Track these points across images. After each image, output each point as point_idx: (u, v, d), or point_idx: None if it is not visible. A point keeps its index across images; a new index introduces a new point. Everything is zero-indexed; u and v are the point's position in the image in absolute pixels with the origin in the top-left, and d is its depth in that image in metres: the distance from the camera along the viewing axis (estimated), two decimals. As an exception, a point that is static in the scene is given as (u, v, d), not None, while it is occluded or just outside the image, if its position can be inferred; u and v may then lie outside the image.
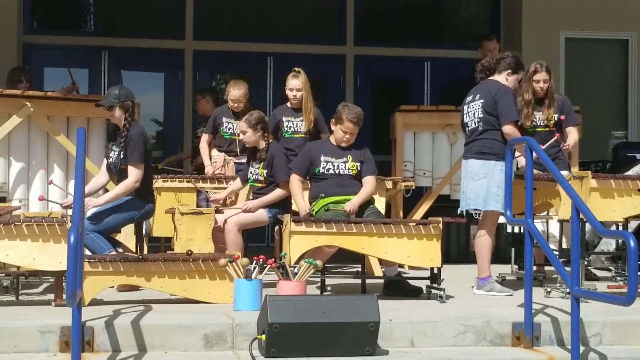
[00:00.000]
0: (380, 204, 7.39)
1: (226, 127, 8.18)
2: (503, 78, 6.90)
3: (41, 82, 10.78)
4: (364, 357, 5.03)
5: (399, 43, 11.99)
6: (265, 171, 7.10)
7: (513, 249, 7.83)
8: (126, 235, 7.39)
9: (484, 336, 5.44)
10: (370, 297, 5.16)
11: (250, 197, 7.33)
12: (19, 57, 11.08)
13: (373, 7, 12.24)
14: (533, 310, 5.48)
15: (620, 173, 7.78)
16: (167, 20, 11.84)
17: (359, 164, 6.80)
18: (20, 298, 6.18)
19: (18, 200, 7.78)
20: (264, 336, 4.94)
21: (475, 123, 6.86)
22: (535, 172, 6.42)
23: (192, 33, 11.70)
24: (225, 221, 6.93)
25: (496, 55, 7.25)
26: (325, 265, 6.40)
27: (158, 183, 7.55)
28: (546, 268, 7.60)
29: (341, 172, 6.75)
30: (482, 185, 6.73)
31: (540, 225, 7.43)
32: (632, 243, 4.47)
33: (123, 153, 6.77)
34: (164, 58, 11.70)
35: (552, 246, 7.02)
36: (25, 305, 5.92)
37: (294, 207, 7.28)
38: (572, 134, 7.62)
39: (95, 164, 7.67)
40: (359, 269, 6.80)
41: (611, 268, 8.19)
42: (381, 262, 6.97)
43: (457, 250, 9.80)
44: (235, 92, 8.15)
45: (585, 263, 7.20)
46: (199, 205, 7.76)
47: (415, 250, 6.32)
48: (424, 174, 8.92)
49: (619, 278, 7.48)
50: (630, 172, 8.38)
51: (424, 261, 6.38)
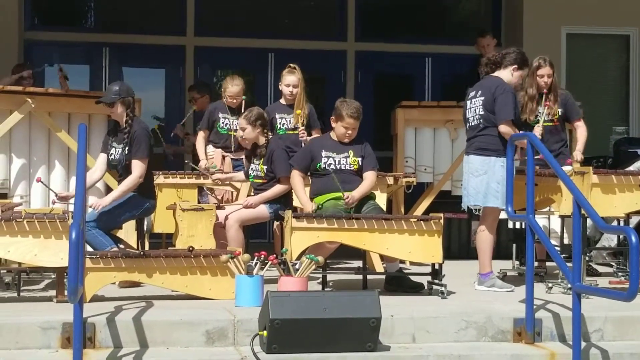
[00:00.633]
0: (381, 199, 7.38)
1: (223, 123, 8.13)
2: (508, 73, 6.89)
3: (42, 79, 10.77)
4: (366, 353, 5.03)
5: (400, 39, 11.98)
6: (265, 167, 7.10)
7: (514, 245, 7.83)
8: (127, 232, 7.39)
9: (485, 332, 5.44)
10: (371, 293, 5.17)
11: (251, 193, 7.33)
12: (20, 54, 11.08)
13: (374, 3, 12.23)
14: (534, 306, 5.48)
15: (621, 169, 7.78)
16: (168, 16, 11.83)
17: (360, 159, 6.79)
18: (21, 294, 6.17)
19: (19, 196, 7.78)
20: (265, 332, 4.94)
21: (476, 120, 6.86)
22: (537, 168, 6.42)
23: (193, 29, 11.70)
24: (226, 217, 6.93)
25: (502, 50, 7.23)
26: (327, 261, 6.40)
27: (159, 179, 7.54)
28: (547, 264, 7.60)
29: (342, 168, 6.74)
30: (482, 181, 6.72)
31: (541, 220, 7.43)
32: (634, 239, 4.47)
33: (128, 149, 6.76)
34: (165, 54, 11.70)
35: (554, 242, 7.01)
36: (26, 302, 5.93)
37: (295, 203, 7.28)
38: (581, 132, 7.58)
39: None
40: (360, 265, 6.80)
41: (612, 264, 8.19)
42: (382, 258, 6.97)
43: (459, 246, 9.78)
44: (234, 88, 8.12)
45: (587, 259, 7.20)
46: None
47: (416, 246, 6.32)
48: (425, 169, 8.91)
49: (620, 274, 7.49)
50: (631, 168, 8.37)
51: (425, 257, 6.39)
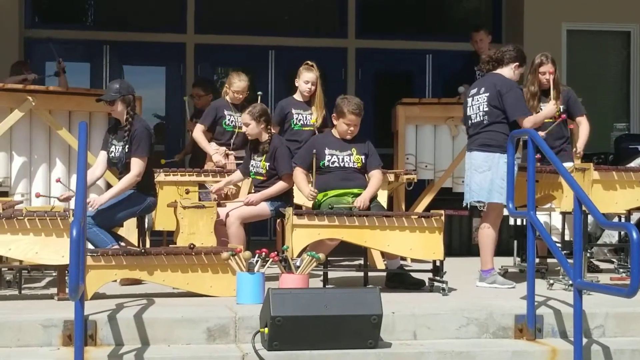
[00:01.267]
0: (382, 197, 7.38)
1: (228, 120, 8.10)
2: (510, 70, 6.89)
3: (43, 76, 10.76)
4: (367, 350, 5.04)
5: (400, 36, 11.96)
6: (267, 164, 7.09)
7: (515, 242, 7.82)
8: (128, 229, 7.39)
9: (486, 328, 5.44)
10: (372, 290, 5.17)
11: (252, 191, 7.32)
12: (20, 52, 11.07)
13: (374, 0, 12.22)
14: (536, 303, 5.48)
15: (622, 165, 7.77)
16: (169, 13, 11.82)
17: (363, 157, 6.79)
18: (23, 292, 6.18)
19: (20, 194, 7.79)
20: (266, 329, 4.94)
21: (480, 116, 6.86)
22: (538, 165, 6.42)
23: (194, 27, 11.69)
24: (227, 214, 6.92)
25: (500, 48, 7.23)
26: (328, 258, 6.40)
27: (160, 177, 7.54)
28: (549, 260, 7.59)
29: (346, 165, 6.75)
30: (486, 177, 6.72)
31: (542, 217, 7.42)
32: (635, 235, 4.46)
33: (128, 147, 6.76)
34: (166, 52, 11.68)
35: (555, 238, 7.01)
36: (28, 300, 5.93)
37: (296, 201, 7.28)
38: (584, 128, 7.58)
39: (97, 158, 7.67)
40: (362, 262, 6.80)
41: (614, 260, 8.19)
42: (383, 255, 6.97)
43: (460, 242, 9.77)
44: (241, 83, 8.11)
45: (588, 255, 7.21)
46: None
47: (417, 243, 6.32)
48: (426, 166, 8.90)
49: (621, 270, 7.48)
50: (632, 164, 8.37)
51: (427, 254, 6.39)
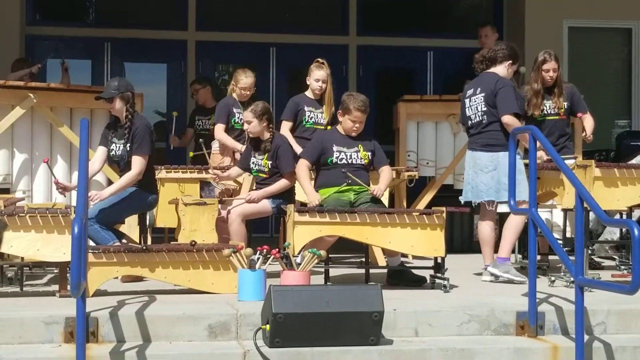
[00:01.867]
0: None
1: (238, 118, 8.05)
2: (503, 68, 6.93)
3: (44, 74, 10.77)
4: (368, 347, 5.03)
5: (401, 33, 11.97)
6: (269, 162, 7.08)
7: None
8: (130, 226, 7.39)
9: (488, 325, 5.44)
10: (374, 287, 5.17)
11: (254, 188, 7.32)
12: (22, 49, 11.08)
13: (376, -3, 12.23)
14: (537, 300, 5.48)
15: (623, 162, 7.77)
16: (170, 11, 11.83)
17: (370, 154, 6.82)
18: (24, 289, 6.18)
19: (22, 191, 7.79)
20: (268, 326, 4.94)
21: (479, 116, 6.88)
22: (538, 162, 6.41)
23: (195, 24, 11.70)
24: (228, 212, 6.92)
25: (492, 47, 7.24)
26: (329, 255, 6.40)
27: (161, 174, 7.54)
28: (550, 257, 7.59)
29: (353, 162, 6.77)
30: (493, 177, 6.74)
31: (544, 214, 7.42)
32: (637, 232, 4.46)
33: (129, 145, 6.74)
34: (167, 49, 11.69)
35: (556, 235, 7.01)
36: (29, 297, 5.93)
37: (297, 197, 7.28)
38: (588, 121, 7.60)
39: (99, 155, 7.67)
40: (363, 259, 6.80)
41: (615, 257, 8.19)
42: (384, 252, 6.97)
43: (461, 239, 9.77)
44: (248, 80, 8.10)
45: (589, 252, 7.21)
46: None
47: (419, 240, 6.32)
48: (427, 163, 8.90)
49: (623, 267, 7.49)
50: (633, 161, 8.37)
51: (428, 251, 6.38)
